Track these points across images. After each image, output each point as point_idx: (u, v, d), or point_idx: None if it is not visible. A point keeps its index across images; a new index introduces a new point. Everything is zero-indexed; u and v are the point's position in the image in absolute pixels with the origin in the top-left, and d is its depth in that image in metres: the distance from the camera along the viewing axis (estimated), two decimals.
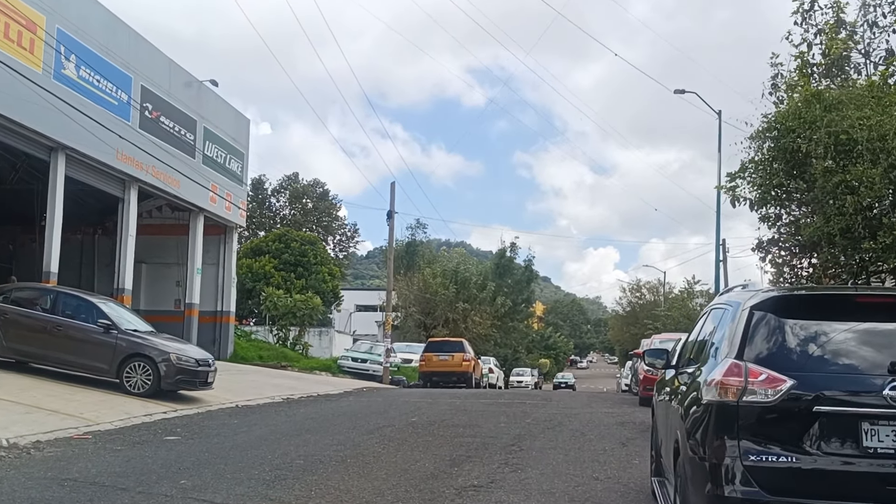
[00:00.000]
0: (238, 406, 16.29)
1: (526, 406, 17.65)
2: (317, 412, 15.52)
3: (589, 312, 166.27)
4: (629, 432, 12.84)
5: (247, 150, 32.57)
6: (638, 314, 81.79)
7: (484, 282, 53.51)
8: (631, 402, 20.47)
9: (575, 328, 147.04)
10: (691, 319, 41.37)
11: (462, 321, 51.06)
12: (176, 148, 26.76)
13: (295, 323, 38.64)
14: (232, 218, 31.42)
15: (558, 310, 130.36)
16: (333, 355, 39.74)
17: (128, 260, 24.92)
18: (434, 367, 32.20)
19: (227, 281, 32.10)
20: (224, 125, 30.54)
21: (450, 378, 32.40)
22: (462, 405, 17.60)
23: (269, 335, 39.20)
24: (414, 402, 18.66)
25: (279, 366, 31.49)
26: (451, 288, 50.54)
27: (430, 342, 34.59)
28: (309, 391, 21.78)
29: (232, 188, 31.06)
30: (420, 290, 50.61)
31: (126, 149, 23.79)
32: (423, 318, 50.71)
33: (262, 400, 17.99)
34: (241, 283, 45.16)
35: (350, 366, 33.13)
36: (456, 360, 32.17)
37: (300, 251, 47.55)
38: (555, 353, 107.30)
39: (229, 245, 32.23)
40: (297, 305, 37.96)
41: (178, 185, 27.07)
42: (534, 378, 62.57)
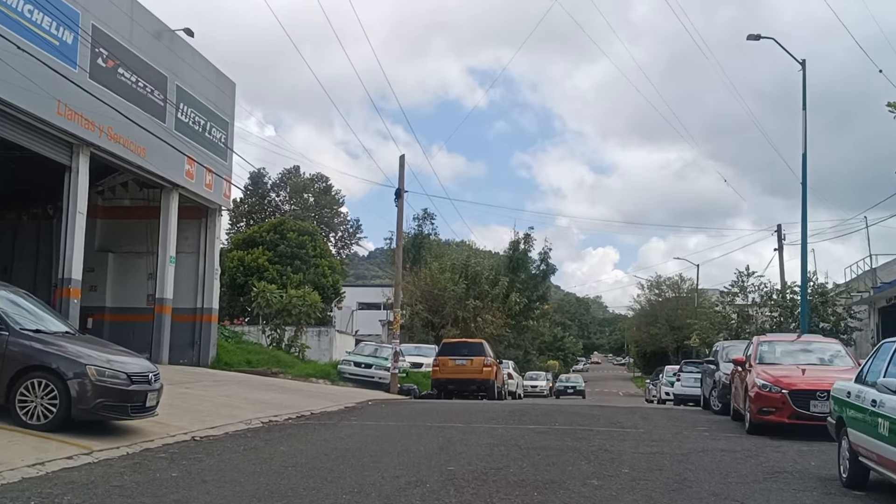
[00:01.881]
0: (194, 440, 11.48)
1: (597, 437, 12.83)
2: (304, 452, 10.67)
3: (592, 313, 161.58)
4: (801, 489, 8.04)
5: (232, 119, 27.75)
6: (658, 313, 77.40)
7: (496, 277, 48.66)
8: (724, 425, 15.68)
9: (583, 328, 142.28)
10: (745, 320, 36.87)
11: (472, 320, 46.29)
12: (140, 108, 21.93)
13: (290, 322, 33.87)
14: (214, 198, 26.60)
15: (565, 309, 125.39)
16: (334, 358, 34.98)
17: (76, 243, 19.98)
18: (450, 373, 27.49)
19: (209, 273, 27.26)
20: (203, 87, 25.71)
21: (468, 386, 27.74)
22: (507, 435, 12.79)
23: (262, 336, 34.48)
24: (438, 428, 13.84)
25: (269, 373, 26.73)
26: (460, 283, 45.73)
27: (444, 344, 29.79)
28: (300, 409, 16.99)
29: (213, 162, 26.24)
30: (427, 286, 45.80)
31: (72, 102, 18.99)
32: (431, 317, 45.91)
33: (232, 426, 13.18)
34: (233, 278, 40.42)
35: (352, 372, 28.39)
36: (475, 366, 27.47)
37: (297, 242, 42.70)
38: (563, 354, 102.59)
39: (211, 230, 27.40)
40: (293, 302, 33.15)
41: (144, 153, 22.25)
42: (548, 382, 57.82)
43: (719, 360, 19.99)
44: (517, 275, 52.87)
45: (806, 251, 23.24)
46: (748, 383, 14.55)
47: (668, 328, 75.33)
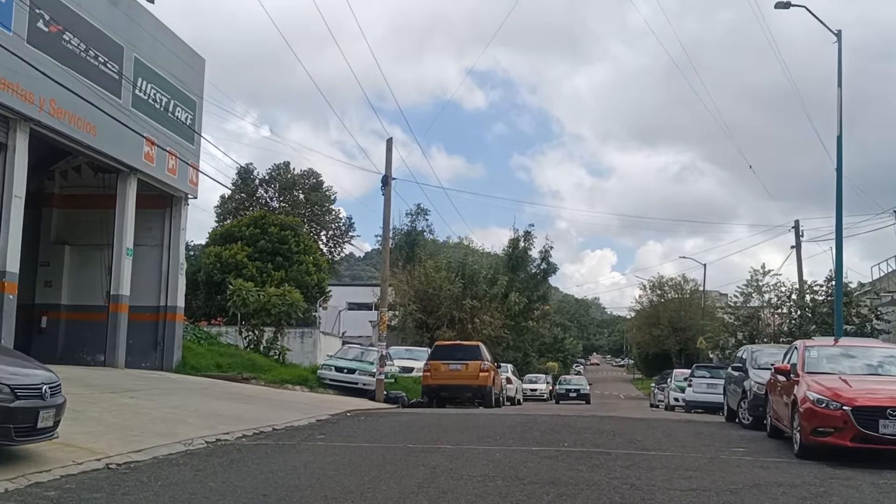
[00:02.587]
0: (108, 468, 8.91)
1: (617, 464, 10.23)
2: (237, 491, 8.07)
3: (591, 314, 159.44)
4: None
5: (201, 99, 25.14)
6: (660, 314, 75.07)
7: (495, 276, 46.03)
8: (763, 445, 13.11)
9: (582, 329, 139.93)
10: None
11: (469, 321, 43.73)
12: (90, 81, 19.37)
13: (269, 323, 31.26)
14: (178, 185, 24.03)
15: (565, 310, 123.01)
16: (317, 362, 32.35)
17: (12, 232, 17.44)
18: (442, 378, 25.01)
19: (173, 268, 24.69)
20: (167, 61, 23.13)
21: (462, 393, 25.27)
22: (506, 462, 10.20)
23: (240, 338, 31.87)
24: (422, 451, 11.23)
25: (240, 378, 24.19)
26: (457, 283, 43.16)
27: (437, 346, 27.21)
28: (261, 423, 14.38)
29: (178, 145, 23.66)
30: (421, 285, 43.22)
31: (5, 70, 16.46)
32: (425, 318, 43.35)
33: (165, 449, 10.57)
34: (209, 275, 37.79)
35: (333, 378, 25.80)
36: (471, 371, 24.95)
37: (279, 238, 40.00)
38: (563, 356, 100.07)
39: (177, 221, 24.79)
40: (272, 301, 30.53)
41: (95, 131, 19.67)
42: (548, 385, 55.29)
43: (748, 366, 17.43)
44: (517, 274, 50.31)
45: (841, 244, 20.67)
46: (797, 397, 11.95)
47: (670, 330, 73.08)
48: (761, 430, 15.57)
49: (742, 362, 18.07)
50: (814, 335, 30.90)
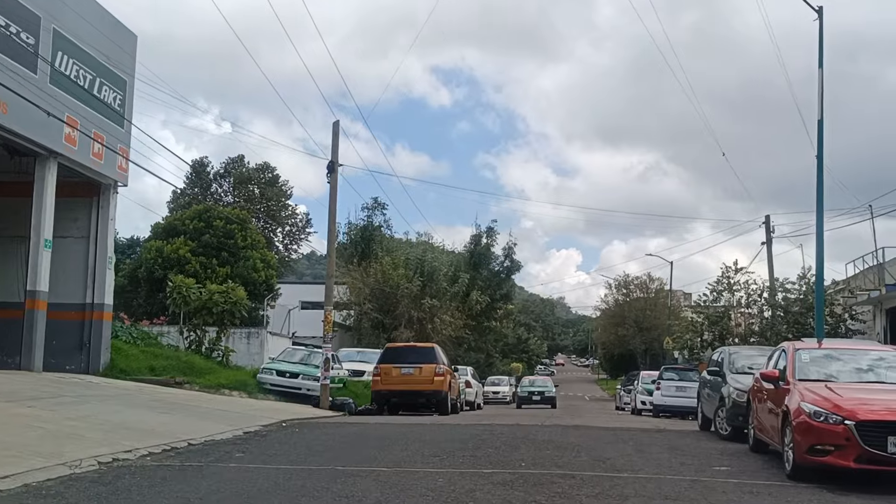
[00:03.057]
0: None
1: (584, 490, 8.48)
2: None
3: (556, 314, 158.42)
4: None
5: (132, 78, 23.06)
6: (626, 314, 73.83)
7: (456, 274, 44.22)
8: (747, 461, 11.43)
9: (547, 329, 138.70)
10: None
11: (429, 321, 41.96)
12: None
13: (212, 322, 29.19)
14: (105, 171, 21.94)
15: (530, 309, 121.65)
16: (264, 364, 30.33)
17: None
18: (394, 383, 23.21)
19: (101, 262, 22.62)
20: (93, 35, 21.03)
21: (416, 399, 23.53)
22: (450, 492, 8.39)
23: (181, 338, 29.79)
24: (351, 476, 9.41)
25: (172, 382, 22.16)
26: (415, 281, 41.33)
27: (387, 349, 25.35)
28: (176, 437, 12.47)
29: (105, 128, 21.58)
30: (378, 283, 41.34)
31: None
32: (382, 318, 41.46)
33: (42, 473, 8.63)
34: (150, 271, 35.64)
35: (274, 382, 23.85)
36: (425, 375, 23.21)
37: (224, 232, 37.86)
38: (527, 357, 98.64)
39: (105, 211, 22.70)
40: (214, 299, 28.46)
41: (5, 108, 17.62)
42: (511, 388, 53.56)
43: (725, 370, 15.80)
44: (479, 272, 48.50)
45: (822, 237, 19.07)
46: (789, 408, 10.28)
47: (636, 329, 71.91)
48: (741, 441, 13.98)
49: (718, 366, 16.45)
50: (787, 336, 29.49)
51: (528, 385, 43.64)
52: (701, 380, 18.40)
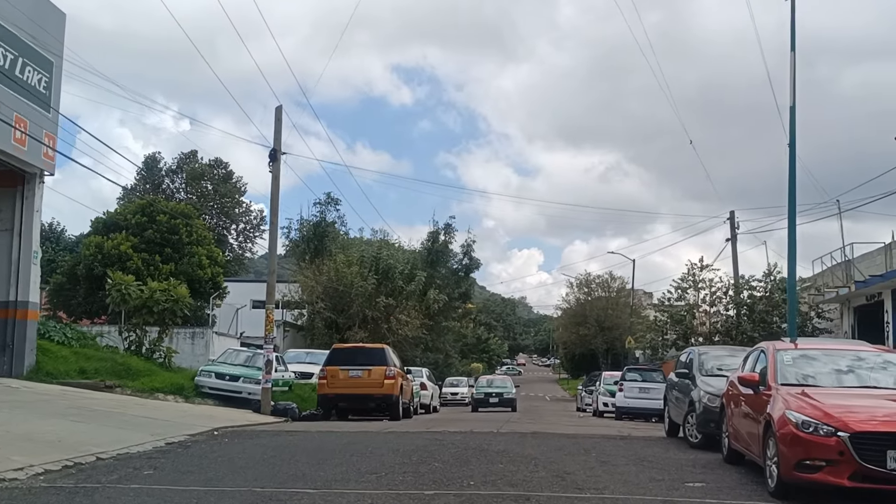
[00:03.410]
0: None
1: None
2: None
3: (517, 313, 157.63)
4: None
5: (60, 60, 21.43)
6: (587, 313, 72.82)
7: (412, 272, 42.75)
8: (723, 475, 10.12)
9: (508, 329, 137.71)
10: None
11: (384, 320, 40.53)
12: None
13: (152, 321, 27.57)
14: (29, 159, 20.30)
15: (491, 309, 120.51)
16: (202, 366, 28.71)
17: None
18: (341, 387, 21.83)
19: (25, 257, 20.97)
20: (12, 11, 19.41)
21: (365, 404, 22.17)
22: None
23: (121, 339, 28.14)
24: (270, 499, 8.04)
25: (102, 386, 20.72)
26: (370, 279, 39.81)
27: (334, 350, 23.86)
28: (83, 450, 10.98)
29: (28, 112, 19.95)
30: (331, 282, 39.81)
31: None
32: (335, 317, 39.91)
33: None
34: (89, 269, 33.83)
35: (213, 386, 22.35)
36: (374, 378, 21.82)
37: (169, 227, 36.10)
38: (488, 357, 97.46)
39: (29, 202, 21.05)
40: (155, 297, 26.84)
41: None
42: (470, 388, 52.25)
43: (695, 372, 14.59)
44: (436, 270, 47.04)
45: (794, 229, 17.90)
46: (772, 417, 9.04)
47: (597, 329, 70.96)
48: (713, 450, 12.78)
49: (687, 367, 15.23)
50: (753, 335, 28.53)
51: (484, 386, 38.41)
52: (668, 382, 17.19)
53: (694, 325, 30.75)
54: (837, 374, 10.03)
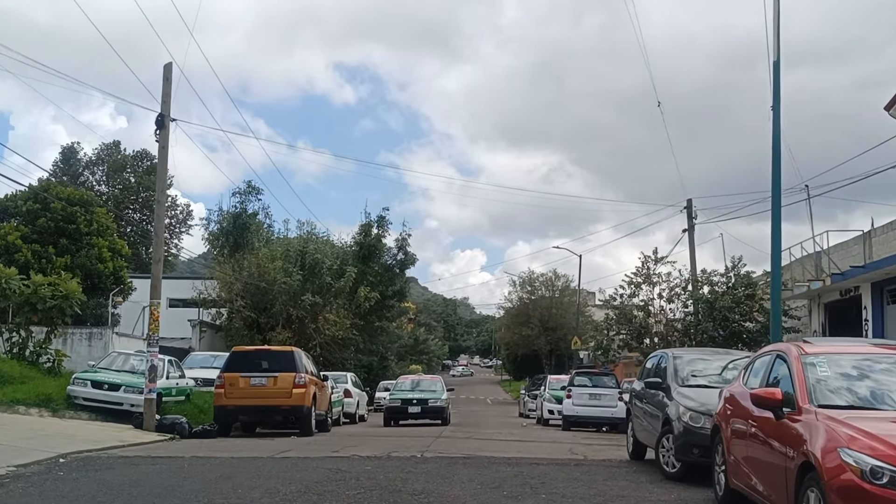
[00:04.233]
0: None
1: None
2: None
3: (459, 314, 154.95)
4: None
5: None
6: (531, 312, 69.96)
7: (342, 268, 39.29)
8: None
9: (449, 329, 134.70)
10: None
11: (311, 320, 37.04)
12: None
13: (38, 320, 23.82)
14: None
15: (431, 309, 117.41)
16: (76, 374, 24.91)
17: None
18: (241, 397, 18.50)
19: None
20: None
21: (270, 416, 18.98)
22: None
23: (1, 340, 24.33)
24: None
25: None
26: (295, 275, 36.30)
27: (234, 354, 20.23)
28: None
29: None
30: (252, 278, 36.25)
31: None
32: (256, 316, 36.37)
33: None
34: None
35: (89, 396, 18.73)
36: (281, 386, 18.53)
37: (65, 215, 32.14)
38: (427, 358, 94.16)
39: None
40: (40, 293, 23.09)
41: None
42: None
43: (670, 381, 11.51)
44: (369, 265, 43.52)
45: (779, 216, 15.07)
46: (815, 457, 5.94)
47: (541, 329, 68.16)
48: (698, 483, 9.86)
49: (658, 375, 12.16)
50: (714, 335, 25.79)
51: (404, 389, 28.28)
52: (631, 392, 14.07)
53: (649, 323, 27.81)
54: (886, 385, 7.01)
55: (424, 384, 28.88)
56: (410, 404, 26.32)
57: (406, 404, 26.37)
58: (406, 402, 26.45)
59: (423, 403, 26.45)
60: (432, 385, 28.57)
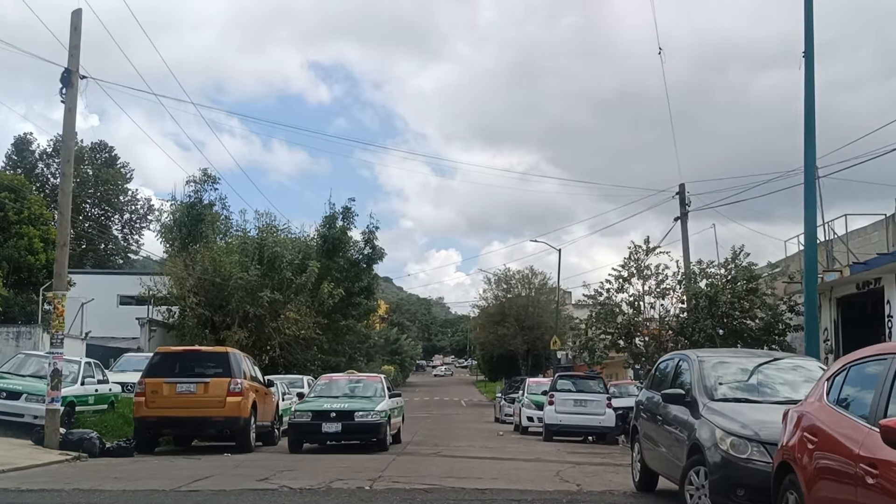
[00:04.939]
0: None
1: None
2: None
3: (434, 313, 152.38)
4: None
5: None
6: (507, 311, 67.28)
7: (304, 262, 36.24)
8: None
9: (423, 329, 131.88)
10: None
11: (270, 319, 34.04)
12: None
13: None
14: None
15: (405, 308, 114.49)
16: None
17: None
18: (166, 407, 15.64)
19: None
20: None
21: (199, 430, 16.13)
22: None
23: None
24: None
25: None
26: (252, 270, 33.27)
27: (157, 355, 17.12)
28: None
29: None
30: (206, 273, 33.22)
31: None
32: (210, 314, 33.33)
33: None
34: None
35: None
36: (213, 394, 15.67)
37: None
38: (401, 359, 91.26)
39: None
40: None
41: None
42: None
43: (697, 395, 8.66)
44: (333, 260, 40.39)
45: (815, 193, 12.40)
46: None
47: (517, 328, 65.45)
48: None
49: (677, 384, 9.38)
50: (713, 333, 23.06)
51: (318, 396, 18.61)
52: (638, 406, 11.18)
53: (638, 321, 25.01)
54: None
55: (353, 388, 19.08)
56: (326, 419, 16.85)
57: (320, 418, 16.91)
58: (320, 416, 16.95)
59: (346, 418, 16.93)
60: (366, 389, 19.09)
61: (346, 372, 22.86)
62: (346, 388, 18.96)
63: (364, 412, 17.07)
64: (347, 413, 16.89)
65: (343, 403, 17.37)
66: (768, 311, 23.26)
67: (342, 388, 18.88)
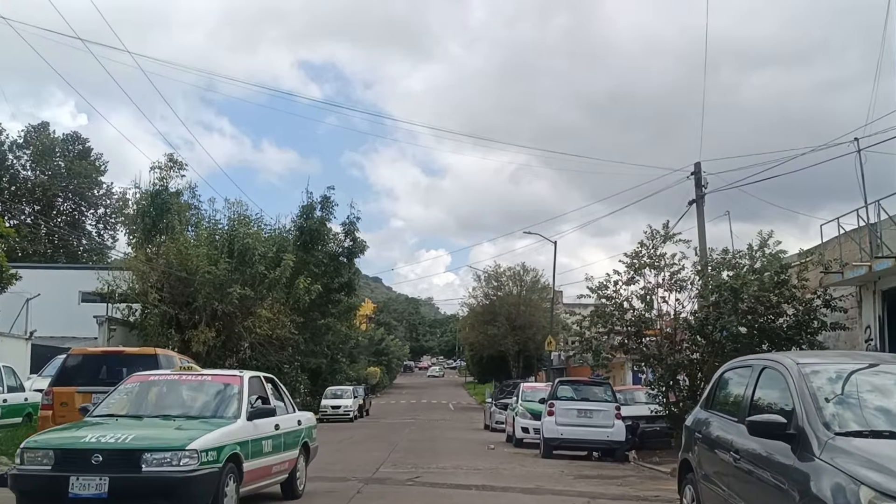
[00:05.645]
0: None
1: None
2: None
3: (422, 313, 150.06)
4: None
5: None
6: (497, 310, 64.46)
7: (278, 255, 33.22)
8: None
9: (411, 329, 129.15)
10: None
11: (241, 317, 31.15)
12: None
13: None
14: None
15: (392, 307, 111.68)
16: None
17: None
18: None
19: None
20: None
21: None
22: None
23: None
24: None
25: None
26: (221, 263, 30.29)
27: (70, 359, 14.16)
28: None
29: None
30: (170, 267, 30.26)
31: None
32: (175, 312, 30.38)
33: None
34: None
35: None
36: None
37: None
38: (387, 360, 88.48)
39: None
40: None
41: None
42: (357, 399, 43.18)
43: (810, 424, 5.56)
44: (310, 253, 37.47)
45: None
46: None
47: (508, 328, 62.70)
48: None
49: (771, 408, 6.34)
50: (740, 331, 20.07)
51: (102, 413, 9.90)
52: (695, 433, 8.03)
53: (650, 317, 21.94)
54: None
55: (178, 399, 10.34)
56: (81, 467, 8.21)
57: (68, 466, 8.27)
58: (71, 461, 8.30)
59: (123, 466, 8.19)
60: (198, 402, 10.28)
61: (178, 368, 12.32)
62: (169, 399, 10.34)
63: (161, 452, 8.28)
64: (125, 456, 8.27)
65: (127, 433, 8.58)
66: (800, 305, 20.21)
67: (162, 400, 10.34)
